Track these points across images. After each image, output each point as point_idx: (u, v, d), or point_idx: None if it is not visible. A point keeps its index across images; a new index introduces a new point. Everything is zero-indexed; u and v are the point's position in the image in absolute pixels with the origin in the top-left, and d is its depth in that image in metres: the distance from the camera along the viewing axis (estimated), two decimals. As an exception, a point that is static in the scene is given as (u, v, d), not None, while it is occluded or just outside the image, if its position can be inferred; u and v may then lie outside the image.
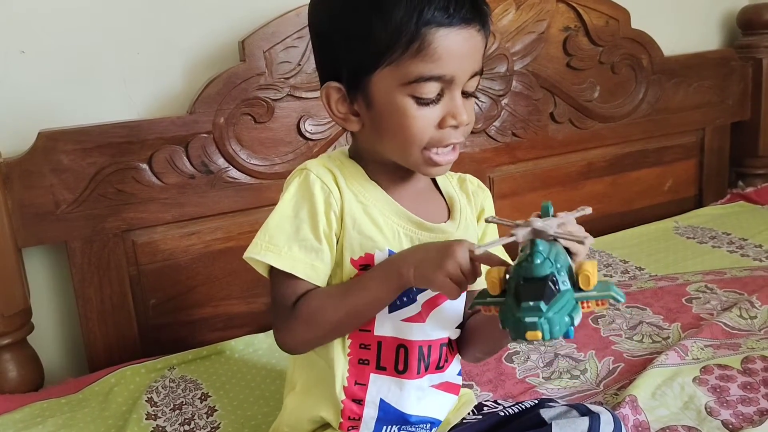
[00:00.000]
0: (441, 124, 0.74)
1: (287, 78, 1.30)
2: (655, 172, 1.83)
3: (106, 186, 1.20)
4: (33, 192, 1.15)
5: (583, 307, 0.65)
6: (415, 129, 0.73)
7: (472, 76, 0.74)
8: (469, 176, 0.92)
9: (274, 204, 1.37)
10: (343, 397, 0.80)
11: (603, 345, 1.18)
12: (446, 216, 0.85)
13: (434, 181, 0.87)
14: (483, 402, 0.94)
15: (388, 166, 0.80)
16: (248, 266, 0.82)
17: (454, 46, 0.71)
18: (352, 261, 0.78)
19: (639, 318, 1.27)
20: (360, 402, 0.81)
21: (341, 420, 0.81)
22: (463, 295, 0.83)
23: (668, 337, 1.19)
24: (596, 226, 1.74)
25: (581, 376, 1.10)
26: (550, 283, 0.63)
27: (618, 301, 0.65)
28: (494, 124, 1.54)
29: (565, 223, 0.68)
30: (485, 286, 0.69)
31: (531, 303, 0.62)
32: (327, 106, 0.78)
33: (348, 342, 0.81)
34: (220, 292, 1.32)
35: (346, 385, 0.81)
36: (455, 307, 0.84)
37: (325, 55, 0.78)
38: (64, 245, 1.20)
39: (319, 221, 0.76)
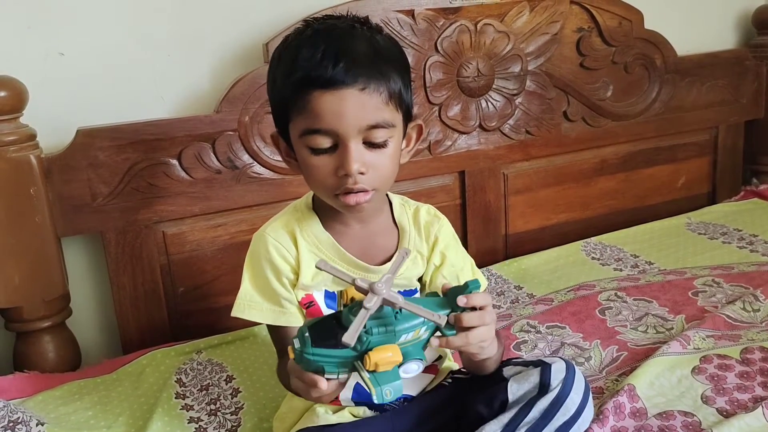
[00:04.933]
0: (335, 173, 0.82)
1: (309, 78, 1.37)
2: (669, 169, 1.86)
3: (139, 180, 1.27)
4: (71, 185, 1.22)
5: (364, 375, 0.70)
6: (315, 175, 0.84)
7: (372, 128, 0.81)
8: (425, 207, 0.98)
9: (296, 198, 1.44)
10: None
11: (608, 335, 1.23)
12: (395, 250, 0.93)
13: (393, 211, 0.95)
14: (462, 368, 1.00)
15: (337, 209, 0.88)
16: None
17: (327, 106, 0.79)
18: (299, 302, 0.91)
19: (645, 310, 1.31)
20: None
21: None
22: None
23: (672, 328, 1.24)
24: (609, 222, 1.78)
25: (585, 363, 1.15)
26: (341, 341, 0.67)
27: (373, 400, 0.71)
28: (508, 122, 1.59)
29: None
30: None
31: (306, 334, 0.70)
32: (277, 149, 0.91)
33: None
34: (244, 281, 1.39)
35: None
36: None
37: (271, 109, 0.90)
38: (100, 235, 1.28)
39: (282, 274, 0.90)
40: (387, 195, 0.95)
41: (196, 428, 1.06)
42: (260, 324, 1.30)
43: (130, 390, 1.16)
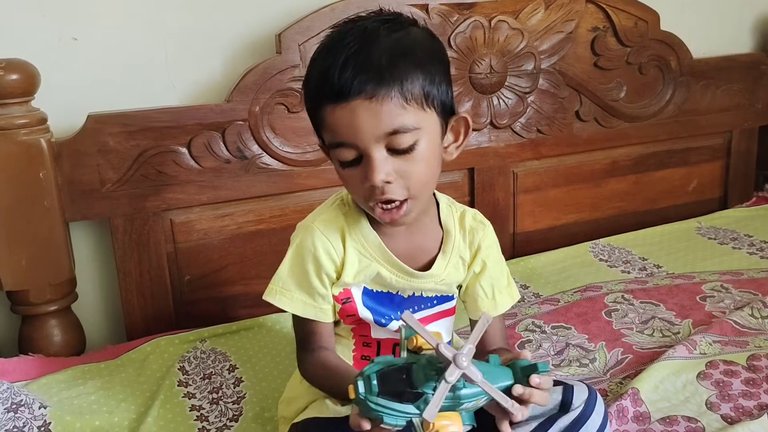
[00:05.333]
0: (363, 184, 0.80)
1: (320, 70, 1.36)
2: (680, 172, 1.85)
3: (148, 167, 1.27)
4: (81, 170, 1.23)
5: None
6: (348, 186, 0.84)
7: (391, 134, 0.77)
8: (471, 211, 0.96)
9: (304, 190, 1.45)
10: None
11: (614, 337, 1.22)
12: (438, 251, 0.92)
13: (439, 212, 0.94)
14: None
15: None
16: (278, 248, 0.93)
17: (340, 120, 0.78)
18: (334, 297, 0.90)
19: (652, 313, 1.30)
20: None
21: None
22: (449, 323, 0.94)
23: (678, 333, 1.23)
24: (618, 224, 1.77)
25: (590, 365, 1.14)
26: (406, 394, 0.67)
27: None
28: (519, 120, 1.58)
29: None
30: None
31: (374, 382, 0.69)
32: (329, 159, 0.88)
33: (352, 340, 0.93)
34: (250, 271, 1.40)
35: None
36: (445, 326, 0.95)
37: None
38: (108, 221, 1.28)
39: (323, 271, 0.88)
40: (434, 194, 0.93)
41: (197, 416, 1.06)
42: (266, 315, 1.32)
43: (133, 376, 1.17)
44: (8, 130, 1.14)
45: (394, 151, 0.78)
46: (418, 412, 0.68)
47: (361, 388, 0.69)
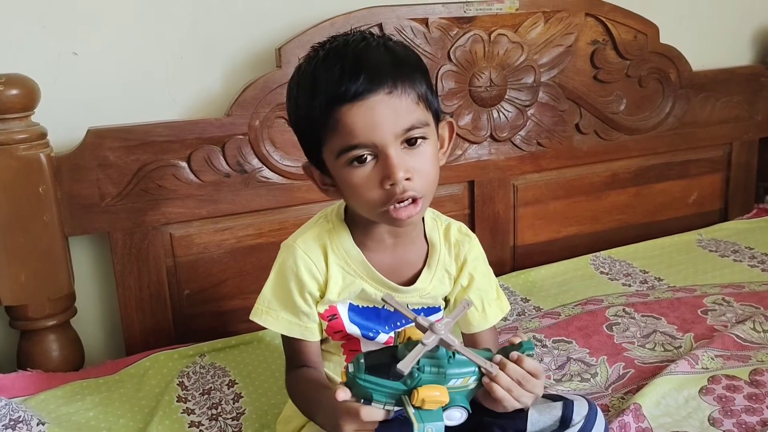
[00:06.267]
0: (381, 185, 0.79)
1: (320, 84, 1.36)
2: (681, 184, 1.84)
3: (148, 182, 1.27)
4: (80, 185, 1.23)
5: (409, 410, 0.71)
6: (360, 194, 0.81)
7: (408, 131, 0.78)
8: (456, 224, 0.96)
9: (304, 203, 1.45)
10: None
11: (615, 351, 1.22)
12: (423, 265, 0.92)
13: (424, 222, 0.93)
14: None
15: (371, 223, 0.88)
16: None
17: (358, 119, 0.77)
18: (320, 315, 0.90)
19: (653, 327, 1.30)
20: None
21: None
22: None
23: (680, 347, 1.22)
24: (619, 236, 1.76)
25: (591, 379, 1.14)
26: (395, 371, 0.69)
27: None
28: (519, 133, 1.58)
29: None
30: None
31: (362, 360, 0.72)
32: (312, 180, 0.89)
33: (343, 356, 0.93)
34: (249, 285, 1.39)
35: None
36: None
37: (299, 141, 0.88)
38: (107, 235, 1.28)
39: (306, 290, 0.88)
40: None
41: (196, 433, 1.05)
42: (266, 330, 1.31)
43: (132, 392, 1.16)
44: (8, 145, 1.14)
45: (407, 149, 0.79)
46: (405, 387, 0.71)
47: (351, 368, 0.72)
